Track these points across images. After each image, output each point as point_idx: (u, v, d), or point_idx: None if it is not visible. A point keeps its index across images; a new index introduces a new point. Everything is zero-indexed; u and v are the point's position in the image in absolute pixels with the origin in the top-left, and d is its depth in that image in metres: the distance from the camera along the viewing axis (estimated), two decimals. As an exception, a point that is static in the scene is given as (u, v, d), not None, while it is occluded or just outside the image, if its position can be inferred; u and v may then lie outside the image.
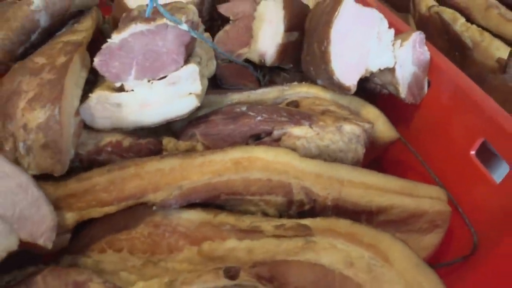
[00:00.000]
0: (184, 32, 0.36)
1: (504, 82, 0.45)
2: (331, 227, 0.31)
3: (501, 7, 0.50)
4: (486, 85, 0.46)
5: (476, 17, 0.50)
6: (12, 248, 0.28)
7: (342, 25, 0.37)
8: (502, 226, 0.34)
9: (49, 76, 0.37)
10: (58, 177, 0.34)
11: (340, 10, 0.37)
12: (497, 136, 0.35)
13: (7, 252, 0.28)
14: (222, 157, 0.35)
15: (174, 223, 0.34)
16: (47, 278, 0.28)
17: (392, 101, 0.44)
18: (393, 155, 0.48)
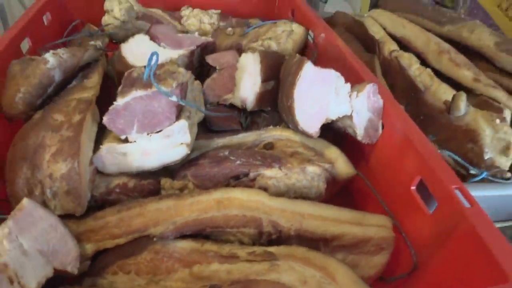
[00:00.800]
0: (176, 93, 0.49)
1: (450, 122, 0.57)
2: (291, 253, 0.43)
3: (452, 52, 0.61)
4: (436, 124, 0.59)
5: (431, 61, 0.62)
6: (49, 275, 0.40)
7: (303, 86, 0.49)
8: (434, 247, 0.46)
9: (67, 133, 0.50)
10: (78, 216, 0.47)
11: (301, 74, 0.49)
12: (429, 176, 0.46)
13: (46, 278, 0.40)
14: (207, 198, 0.47)
15: (170, 251, 0.46)
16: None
17: (354, 140, 0.56)
18: (357, 186, 0.60)
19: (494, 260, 0.38)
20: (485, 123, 0.53)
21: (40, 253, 0.41)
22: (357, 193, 0.61)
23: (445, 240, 0.44)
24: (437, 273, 0.46)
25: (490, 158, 0.54)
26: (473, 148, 0.55)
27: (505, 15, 0.81)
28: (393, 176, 0.52)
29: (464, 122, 0.55)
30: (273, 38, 0.73)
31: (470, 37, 0.64)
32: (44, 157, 0.49)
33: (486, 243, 0.39)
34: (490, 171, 0.55)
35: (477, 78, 0.58)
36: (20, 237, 0.40)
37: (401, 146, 0.51)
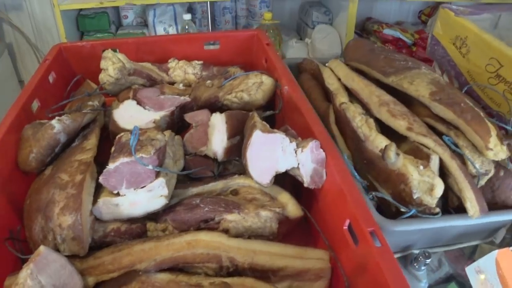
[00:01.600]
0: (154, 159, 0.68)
1: (385, 166, 0.74)
2: (241, 283, 0.62)
3: (391, 104, 0.79)
4: (376, 167, 0.77)
5: (373, 111, 0.80)
6: None
7: (254, 149, 0.68)
8: (359, 275, 0.64)
9: (71, 191, 0.70)
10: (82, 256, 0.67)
11: (251, 140, 0.67)
12: (353, 219, 0.64)
13: None
14: (180, 240, 0.66)
15: (153, 281, 0.66)
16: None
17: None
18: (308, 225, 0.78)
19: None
20: (412, 168, 0.71)
21: (53, 286, 0.61)
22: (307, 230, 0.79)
23: (364, 269, 0.62)
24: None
25: (418, 197, 0.71)
26: (404, 189, 0.72)
27: (459, 52, 0.97)
28: (332, 217, 0.70)
29: (396, 167, 0.72)
30: (245, 90, 0.91)
31: (409, 87, 0.81)
32: (54, 210, 0.69)
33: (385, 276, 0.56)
34: (420, 208, 0.72)
35: (410, 127, 0.75)
36: (39, 275, 0.59)
37: (337, 193, 0.69)
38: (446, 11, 0.98)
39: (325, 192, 0.73)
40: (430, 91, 0.80)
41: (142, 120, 0.80)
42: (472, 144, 0.76)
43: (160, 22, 1.67)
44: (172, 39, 1.08)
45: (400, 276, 0.56)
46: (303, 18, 2.07)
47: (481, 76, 0.92)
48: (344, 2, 1.69)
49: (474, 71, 0.93)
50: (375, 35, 1.91)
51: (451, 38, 0.98)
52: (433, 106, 0.79)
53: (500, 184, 0.78)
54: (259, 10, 1.91)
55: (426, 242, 0.82)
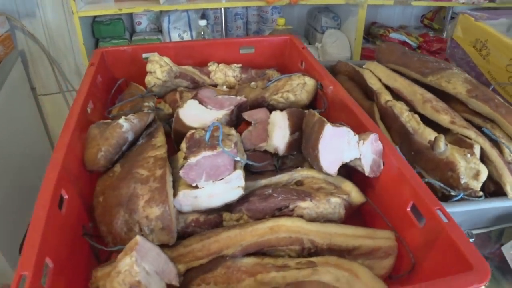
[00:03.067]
0: (234, 153, 0.75)
1: (434, 156, 0.83)
2: (326, 261, 0.69)
3: (433, 100, 0.88)
4: (424, 158, 0.85)
5: (417, 108, 0.89)
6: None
7: (325, 141, 0.75)
8: (425, 251, 0.72)
9: (155, 185, 0.75)
10: (170, 245, 0.72)
11: (323, 132, 0.75)
12: (418, 200, 0.72)
13: None
14: (263, 226, 0.73)
15: (238, 265, 0.72)
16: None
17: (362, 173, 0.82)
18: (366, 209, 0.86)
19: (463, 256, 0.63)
20: (459, 157, 0.80)
21: (156, 273, 0.66)
22: (366, 214, 0.87)
23: (432, 246, 0.70)
24: (429, 271, 0.71)
25: (465, 182, 0.80)
26: (452, 175, 0.81)
27: (479, 54, 1.08)
28: (393, 201, 0.78)
29: (444, 156, 0.81)
30: (290, 91, 0.99)
31: (447, 86, 0.90)
32: (138, 203, 0.74)
33: (457, 245, 0.64)
34: (466, 192, 0.81)
35: (453, 121, 0.84)
36: (142, 262, 0.64)
37: (398, 179, 0.77)
38: (467, 16, 1.09)
39: (382, 180, 0.81)
40: (467, 88, 0.89)
41: (206, 119, 0.86)
42: (507, 135, 0.86)
43: (175, 28, 1.72)
44: (209, 44, 1.14)
45: (471, 246, 0.64)
46: (312, 23, 2.17)
47: (501, 75, 1.03)
48: (353, 8, 1.80)
49: (495, 71, 1.04)
50: (381, 39, 2.02)
51: (471, 41, 1.09)
52: (471, 102, 0.88)
53: (529, 171, 0.88)
54: (270, 16, 1.99)
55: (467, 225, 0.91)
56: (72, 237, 0.74)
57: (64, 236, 0.71)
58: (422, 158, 0.85)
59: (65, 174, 0.75)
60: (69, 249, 0.72)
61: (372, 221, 0.85)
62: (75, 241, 0.76)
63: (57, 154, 0.76)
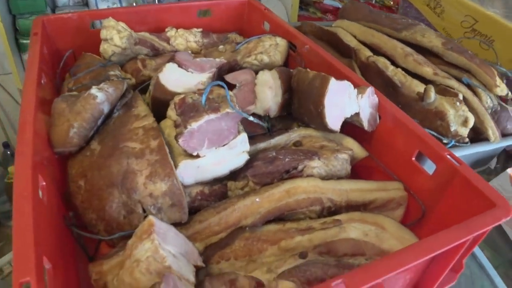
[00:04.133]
0: (237, 114, 0.67)
1: (422, 107, 0.83)
2: (351, 217, 0.65)
3: (414, 54, 0.88)
4: (411, 109, 0.85)
5: (399, 62, 0.88)
6: (194, 271, 0.56)
7: (330, 96, 0.71)
8: (436, 198, 0.71)
9: (154, 158, 0.65)
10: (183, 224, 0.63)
11: (329, 87, 0.70)
12: (425, 148, 0.71)
13: (194, 273, 0.56)
14: (279, 190, 0.67)
15: (258, 235, 0.65)
16: (212, 281, 0.57)
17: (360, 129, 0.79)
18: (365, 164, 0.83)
19: (483, 195, 0.63)
20: (449, 106, 0.80)
21: (181, 255, 0.57)
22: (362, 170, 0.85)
23: (444, 191, 0.69)
24: (440, 216, 0.70)
25: (455, 130, 0.81)
26: (442, 124, 0.81)
27: (434, 12, 1.11)
28: (395, 152, 0.76)
29: (434, 106, 0.81)
30: (264, 52, 0.93)
31: (423, 40, 0.91)
32: (137, 181, 0.64)
33: (476, 185, 0.64)
34: (455, 139, 0.82)
35: (436, 72, 0.85)
36: (165, 245, 0.55)
37: (398, 129, 0.75)
38: (419, -25, 1.10)
39: (379, 133, 0.79)
40: (442, 41, 0.90)
41: (190, 83, 0.77)
42: (482, 84, 0.89)
43: (103, 0, 1.55)
44: (165, 9, 1.03)
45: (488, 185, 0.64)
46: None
47: (457, 31, 1.06)
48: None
49: (450, 28, 1.07)
50: (315, 6, 2.01)
51: (424, 0, 1.11)
52: (447, 54, 0.89)
53: (498, 117, 0.92)
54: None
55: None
56: (58, 230, 0.62)
57: (51, 229, 0.60)
58: (409, 110, 0.84)
59: (38, 157, 0.62)
60: (58, 243, 0.60)
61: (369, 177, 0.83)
62: (61, 234, 0.64)
63: (24, 135, 0.63)
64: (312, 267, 0.59)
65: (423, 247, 0.54)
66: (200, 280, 0.59)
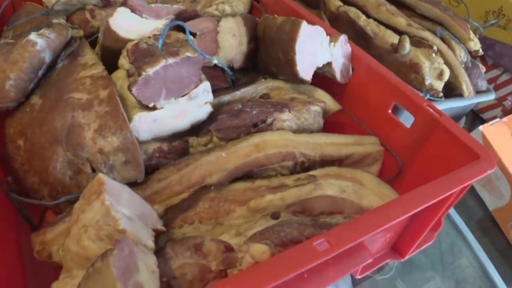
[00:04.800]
0: (199, 60, 0.58)
1: (396, 59, 0.76)
2: (326, 173, 0.58)
3: (387, 4, 0.81)
4: (384, 62, 0.78)
5: (371, 12, 0.81)
6: (153, 235, 0.47)
7: (301, 41, 0.63)
8: (414, 151, 0.65)
9: (103, 109, 0.55)
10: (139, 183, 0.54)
11: (300, 31, 0.62)
12: (403, 99, 0.65)
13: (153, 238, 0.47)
14: (247, 144, 0.59)
15: (224, 195, 0.57)
16: (175, 247, 0.49)
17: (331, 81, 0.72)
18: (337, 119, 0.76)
19: (466, 146, 0.58)
20: (424, 57, 0.74)
21: (138, 217, 0.47)
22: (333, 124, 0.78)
23: (423, 143, 0.63)
24: (418, 171, 0.65)
25: (430, 83, 0.75)
26: (416, 77, 0.75)
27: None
28: (370, 105, 0.70)
29: (408, 58, 0.75)
30: (226, 2, 0.83)
31: (395, -11, 0.84)
32: (84, 135, 0.54)
33: (458, 137, 0.58)
34: (430, 93, 0.76)
35: (409, 24, 0.78)
36: (118, 207, 0.45)
37: (373, 81, 0.69)
38: None
39: (352, 85, 0.72)
40: (414, -8, 0.84)
41: (144, 29, 0.66)
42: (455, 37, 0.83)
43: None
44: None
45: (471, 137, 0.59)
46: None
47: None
48: None
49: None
50: None
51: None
52: (420, 6, 0.83)
53: (469, 74, 0.87)
54: None
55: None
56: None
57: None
58: (382, 62, 0.76)
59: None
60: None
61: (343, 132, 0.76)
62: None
63: None
64: (287, 228, 0.52)
65: (407, 202, 0.48)
66: (160, 246, 0.51)
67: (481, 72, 0.88)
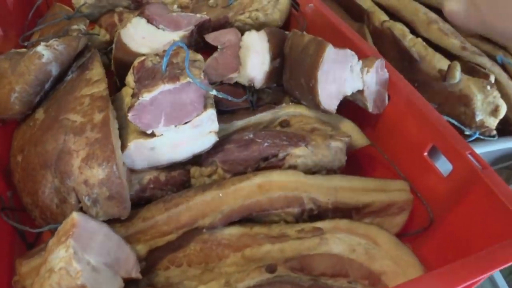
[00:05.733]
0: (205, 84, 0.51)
1: (444, 88, 0.64)
2: (336, 226, 0.49)
3: (440, 21, 0.68)
4: (430, 90, 0.66)
5: (420, 30, 0.69)
6: (122, 286, 0.42)
7: (325, 67, 0.53)
8: (449, 205, 0.54)
9: (94, 135, 0.49)
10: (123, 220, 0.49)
11: (324, 56, 0.52)
12: (441, 142, 0.53)
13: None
14: (249, 184, 0.51)
15: (218, 238, 0.50)
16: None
17: (363, 110, 0.61)
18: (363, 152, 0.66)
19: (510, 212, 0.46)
20: (477, 89, 0.61)
21: (106, 266, 0.42)
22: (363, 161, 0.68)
23: (460, 198, 0.52)
24: (453, 226, 0.54)
25: (481, 120, 0.63)
26: (465, 111, 0.63)
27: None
28: (404, 143, 0.59)
29: (458, 88, 0.63)
30: (260, 9, 0.74)
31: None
32: (72, 163, 0.49)
33: (502, 200, 0.47)
34: (480, 131, 0.64)
35: (464, 46, 0.65)
36: (84, 254, 0.40)
37: (410, 115, 0.58)
38: None
39: (387, 118, 0.62)
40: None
41: (158, 42, 0.60)
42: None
43: None
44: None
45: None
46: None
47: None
48: None
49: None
50: None
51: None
52: (480, 22, 0.69)
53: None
54: None
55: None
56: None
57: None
58: (428, 90, 0.66)
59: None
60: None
61: (371, 171, 0.66)
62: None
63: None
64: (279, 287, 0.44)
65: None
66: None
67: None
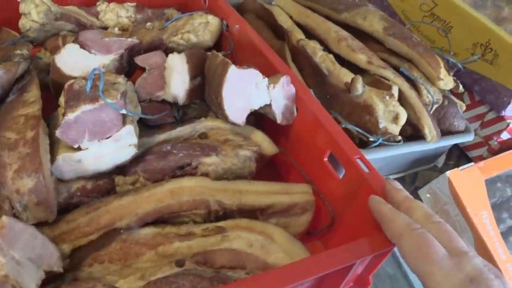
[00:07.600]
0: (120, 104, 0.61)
1: (351, 99, 0.74)
2: (236, 225, 0.59)
3: (349, 39, 0.79)
4: (340, 101, 0.76)
5: (331, 47, 0.79)
6: (42, 277, 0.51)
7: (229, 85, 0.63)
8: (345, 204, 0.64)
9: (25, 150, 0.59)
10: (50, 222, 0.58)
11: (227, 76, 0.63)
12: (336, 149, 0.63)
13: (40, 280, 0.51)
14: (161, 189, 0.61)
15: (136, 238, 0.60)
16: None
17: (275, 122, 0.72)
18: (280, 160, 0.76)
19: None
20: (378, 99, 0.72)
21: (30, 260, 0.51)
22: (280, 166, 0.78)
23: (352, 197, 0.62)
24: (349, 224, 0.64)
25: (384, 127, 0.73)
26: (370, 119, 0.73)
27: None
28: (309, 150, 0.69)
29: (362, 99, 0.73)
30: (191, 31, 0.85)
31: (363, 23, 0.81)
32: (6, 175, 0.58)
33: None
34: (385, 137, 0.74)
35: (370, 61, 0.76)
36: (10, 250, 0.50)
37: (313, 125, 0.68)
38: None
39: (296, 128, 0.72)
40: (383, 26, 0.81)
41: (89, 66, 0.70)
42: (424, 76, 0.79)
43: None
44: (96, -21, 0.95)
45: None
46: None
47: (415, 15, 0.96)
48: None
49: (409, 10, 0.97)
50: None
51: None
52: (388, 40, 0.80)
53: (445, 113, 0.83)
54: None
55: (385, 171, 0.85)
56: None
57: None
58: (338, 102, 0.76)
59: None
60: None
61: (287, 174, 0.76)
62: None
63: None
64: (181, 279, 0.54)
65: (306, 267, 0.47)
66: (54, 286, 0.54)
67: (458, 111, 0.83)
